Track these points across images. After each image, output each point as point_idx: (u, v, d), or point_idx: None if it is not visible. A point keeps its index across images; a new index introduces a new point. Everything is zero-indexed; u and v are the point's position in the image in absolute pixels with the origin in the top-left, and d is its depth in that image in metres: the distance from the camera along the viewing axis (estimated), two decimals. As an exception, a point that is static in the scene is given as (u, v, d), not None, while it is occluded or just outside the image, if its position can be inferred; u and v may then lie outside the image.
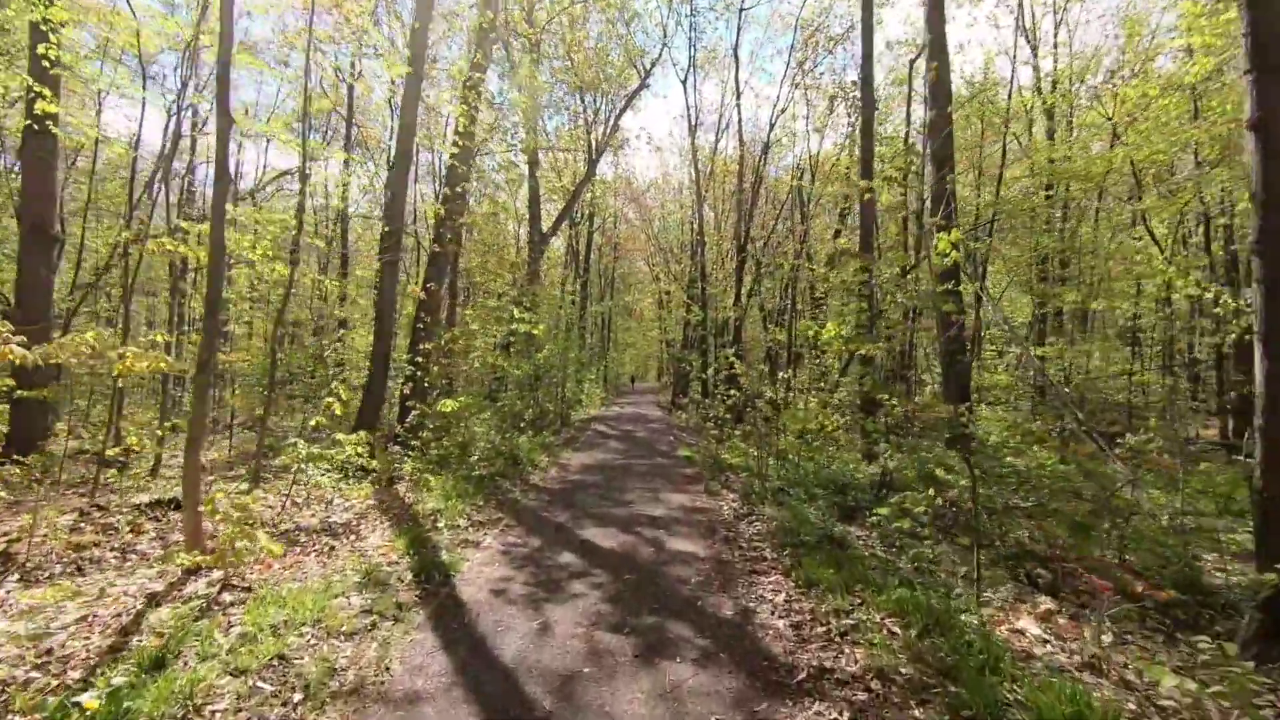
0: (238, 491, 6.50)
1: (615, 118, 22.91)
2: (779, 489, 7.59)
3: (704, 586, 4.58)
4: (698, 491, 8.07)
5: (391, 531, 5.76)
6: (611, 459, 10.92)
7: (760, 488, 7.70)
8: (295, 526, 5.90)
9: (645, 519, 6.55)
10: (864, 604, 4.05)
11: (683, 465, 10.33)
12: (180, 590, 4.17)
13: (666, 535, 5.92)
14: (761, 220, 24.08)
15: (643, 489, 8.16)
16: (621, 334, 43.86)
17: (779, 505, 6.90)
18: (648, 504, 7.26)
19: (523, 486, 8.26)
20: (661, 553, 5.39)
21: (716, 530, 6.13)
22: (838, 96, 21.81)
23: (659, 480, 8.83)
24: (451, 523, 6.14)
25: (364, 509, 6.59)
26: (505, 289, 16.89)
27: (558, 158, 27.92)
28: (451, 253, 11.11)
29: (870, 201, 10.06)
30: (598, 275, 37.68)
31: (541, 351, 13.20)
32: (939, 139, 10.06)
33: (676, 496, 7.72)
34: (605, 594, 4.39)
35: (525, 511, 6.86)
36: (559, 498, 7.58)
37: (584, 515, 6.68)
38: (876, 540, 5.81)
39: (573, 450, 12.03)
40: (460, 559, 5.07)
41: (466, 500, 7.06)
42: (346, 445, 6.40)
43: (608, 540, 5.73)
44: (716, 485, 8.56)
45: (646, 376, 54.06)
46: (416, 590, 4.36)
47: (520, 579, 4.67)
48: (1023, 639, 3.76)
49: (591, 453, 11.73)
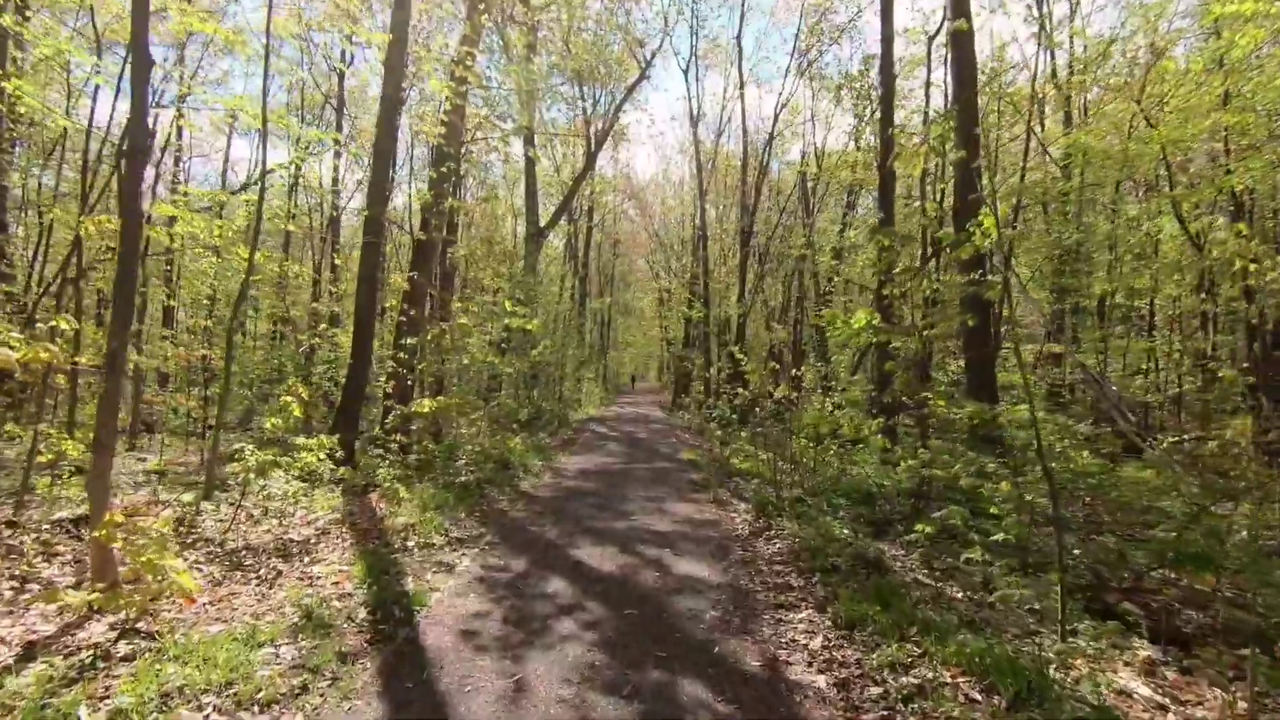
0: (186, 505, 5.66)
1: (615, 110, 22.08)
2: (796, 499, 6.75)
3: (721, 626, 3.72)
4: (705, 501, 7.22)
5: (353, 552, 4.91)
6: (610, 463, 10.08)
7: (775, 497, 6.85)
8: (244, 546, 5.04)
9: (647, 534, 5.70)
10: (925, 655, 3.20)
11: (687, 470, 9.49)
12: (73, 635, 3.32)
13: (672, 555, 5.07)
14: (765, 215, 23.26)
15: (644, 498, 7.31)
16: (622, 333, 43.03)
17: (798, 518, 6.06)
18: (650, 516, 6.41)
19: (512, 495, 7.41)
20: (667, 578, 4.54)
21: (730, 549, 5.28)
22: (845, 87, 21.04)
23: (662, 487, 7.99)
24: (425, 540, 5.29)
25: (329, 523, 5.74)
26: (501, 284, 16.05)
27: (556, 152, 27.09)
28: (439, 242, 10.26)
29: (889, 188, 9.21)
30: (597, 272, 36.84)
31: (536, 348, 12.35)
32: (964, 116, 9.24)
33: (682, 507, 6.87)
34: (600, 636, 3.54)
35: (512, 525, 6.01)
36: (551, 508, 6.73)
37: (578, 530, 5.83)
38: (916, 561, 4.97)
39: (569, 453, 11.19)
40: (428, 588, 4.22)
41: (447, 512, 6.22)
42: (304, 451, 5.55)
43: (604, 561, 4.88)
44: (725, 493, 7.71)
45: (647, 376, 53.24)
46: (369, 633, 3.50)
47: (498, 615, 3.82)
48: (1132, 705, 2.91)
49: (589, 456, 10.89)
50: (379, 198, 9.10)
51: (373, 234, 8.80)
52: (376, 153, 8.75)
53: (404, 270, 15.20)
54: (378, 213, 9.01)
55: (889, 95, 9.24)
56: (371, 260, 9.30)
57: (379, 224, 8.99)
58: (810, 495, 7.12)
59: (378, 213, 9.01)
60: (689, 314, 21.00)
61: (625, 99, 21.82)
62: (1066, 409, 10.99)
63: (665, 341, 39.60)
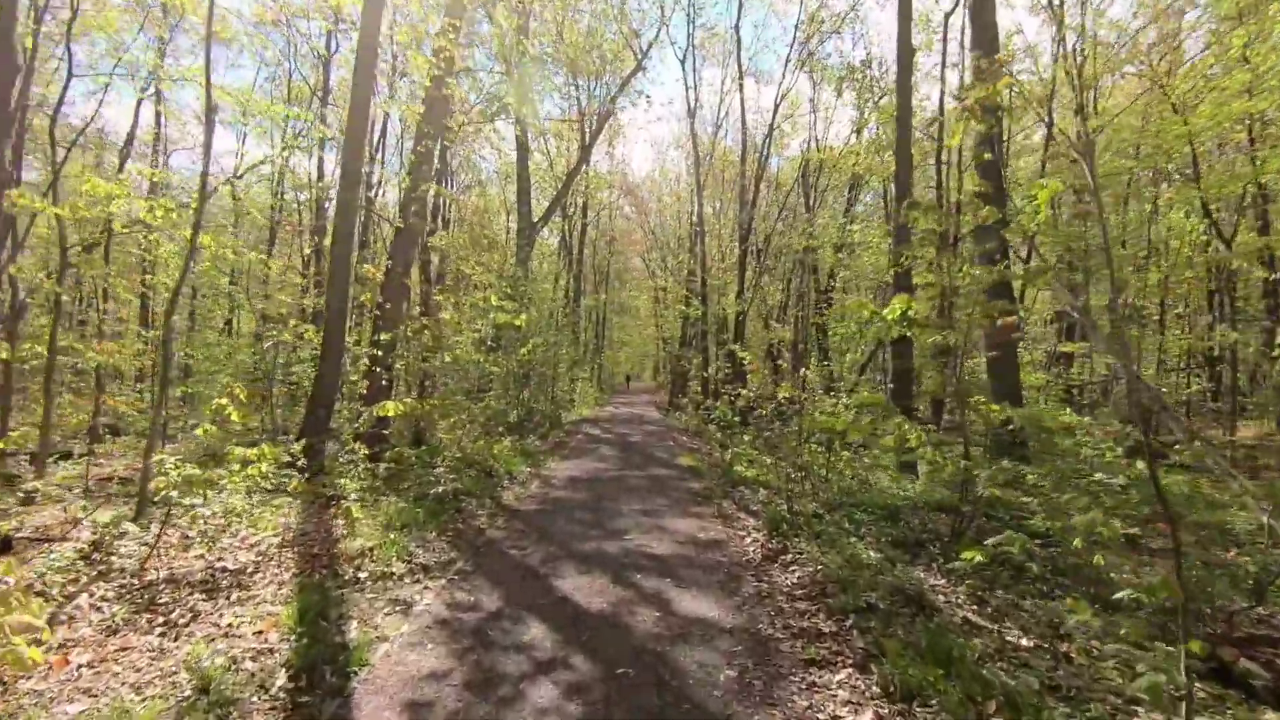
0: (103, 527, 4.80)
1: (610, 101, 21.25)
2: (813, 514, 5.94)
3: (739, 691, 2.91)
4: (708, 515, 6.40)
5: (292, 586, 4.06)
6: (603, 469, 9.25)
7: (788, 511, 6.04)
8: (166, 577, 4.19)
9: (644, 559, 4.88)
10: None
11: (686, 477, 8.67)
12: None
13: (674, 587, 4.25)
14: (764, 211, 22.49)
15: (640, 511, 6.49)
16: (617, 331, 42.21)
17: (817, 538, 5.25)
18: (647, 534, 5.59)
19: (492, 509, 6.57)
20: (669, 620, 3.72)
21: (741, 579, 4.47)
22: (846, 79, 20.30)
23: (659, 498, 7.17)
24: (383, 568, 4.45)
25: (276, 546, 4.89)
26: (489, 279, 15.21)
27: (549, 146, 26.22)
28: (420, 230, 9.40)
29: (906, 171, 8.42)
30: (592, 270, 35.99)
31: (526, 346, 11.51)
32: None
33: (683, 523, 6.05)
34: (586, 708, 2.73)
35: (489, 548, 5.17)
36: (536, 525, 5.90)
37: (564, 553, 5.00)
38: (963, 595, 4.16)
39: (560, 458, 10.35)
40: (375, 637, 3.39)
41: (415, 531, 5.38)
42: (248, 462, 4.69)
43: (593, 596, 4.06)
44: (730, 506, 6.90)
45: (642, 375, 52.41)
46: (285, 710, 2.67)
47: (458, 677, 2.99)
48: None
49: (581, 461, 10.06)
50: (355, 153, 8.22)
51: (348, 194, 7.91)
52: (353, 103, 7.87)
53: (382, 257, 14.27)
54: (355, 170, 8.14)
55: (906, 69, 8.45)
56: (345, 236, 8.45)
57: (355, 180, 8.10)
58: (827, 509, 6.32)
59: (355, 170, 8.14)
60: (686, 312, 20.20)
61: (621, 90, 21.01)
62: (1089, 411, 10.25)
63: (661, 340, 38.83)
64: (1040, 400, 12.91)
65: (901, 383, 8.47)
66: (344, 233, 8.62)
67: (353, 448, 7.25)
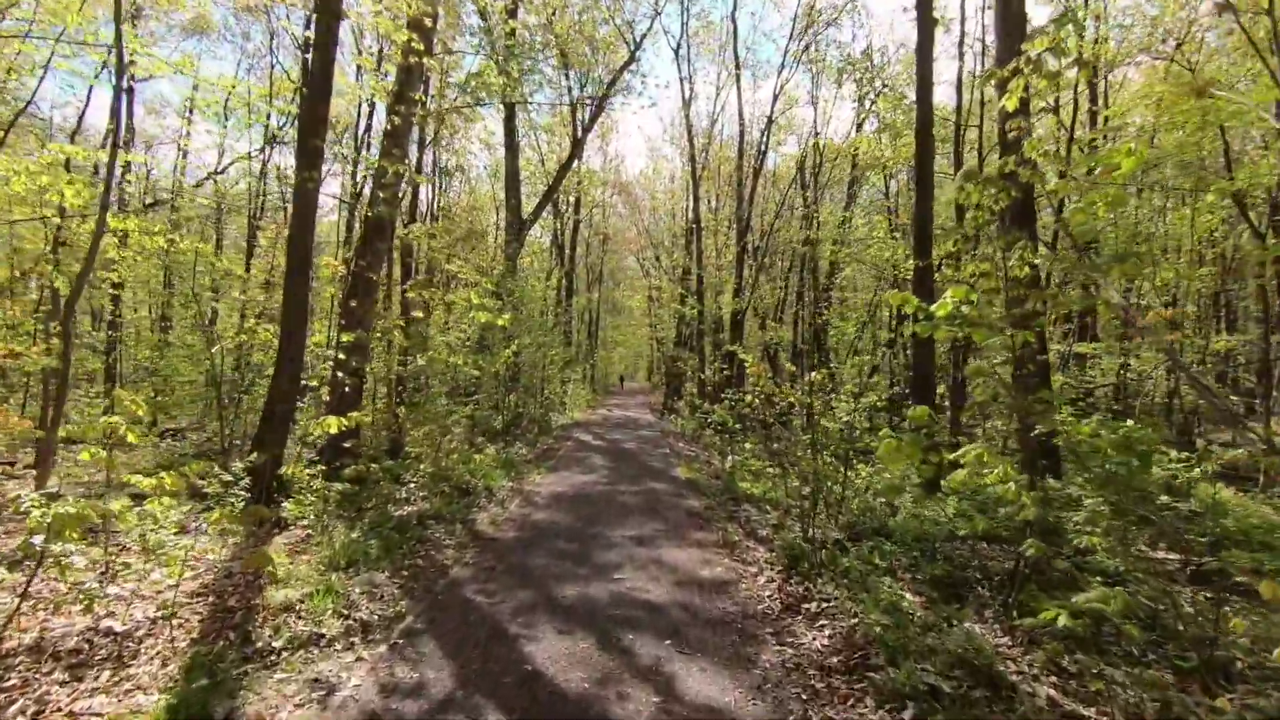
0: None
1: (603, 93, 20.35)
2: (835, 543, 5.06)
3: None
4: (712, 544, 5.49)
5: (183, 661, 3.13)
6: (592, 483, 8.33)
7: (804, 538, 5.16)
8: (32, 643, 3.26)
9: (638, 608, 3.97)
10: None
11: (684, 492, 7.77)
12: None
13: (676, 654, 3.34)
14: (761, 207, 21.64)
15: (633, 539, 5.57)
16: (610, 332, 41.29)
17: (844, 577, 4.36)
18: (641, 571, 4.68)
19: (463, 536, 5.64)
20: (670, 709, 2.81)
21: (760, 640, 3.56)
22: (846, 70, 19.49)
23: (656, 521, 6.25)
24: (312, 627, 3.53)
25: (186, 595, 3.95)
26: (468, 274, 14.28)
27: (539, 140, 25.25)
28: (391, 220, 8.44)
29: (928, 154, 7.53)
30: (585, 269, 35.06)
31: (510, 347, 10.57)
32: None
33: (683, 554, 5.14)
34: None
35: (450, 593, 4.24)
36: (511, 558, 4.97)
37: (541, 600, 4.08)
38: (1039, 665, 3.28)
39: (546, 469, 9.42)
40: (271, 750, 2.46)
41: (364, 569, 4.46)
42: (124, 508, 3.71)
43: (573, 671, 3.15)
44: (736, 530, 6.00)
45: (636, 376, 51.52)
46: None
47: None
48: None
49: (569, 473, 9.13)
50: (314, 126, 7.25)
51: (307, 174, 6.96)
52: (312, 68, 6.95)
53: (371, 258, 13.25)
54: (314, 147, 7.17)
55: (927, 44, 7.57)
56: (303, 222, 7.52)
57: (314, 159, 7.14)
58: (848, 536, 5.43)
59: (314, 147, 7.17)
60: (682, 310, 19.31)
61: (614, 81, 20.12)
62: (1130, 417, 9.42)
63: (655, 341, 37.97)
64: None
65: (921, 389, 7.60)
66: (302, 219, 7.67)
67: (308, 464, 6.31)
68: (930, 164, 7.54)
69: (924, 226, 7.31)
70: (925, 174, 7.44)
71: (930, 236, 7.32)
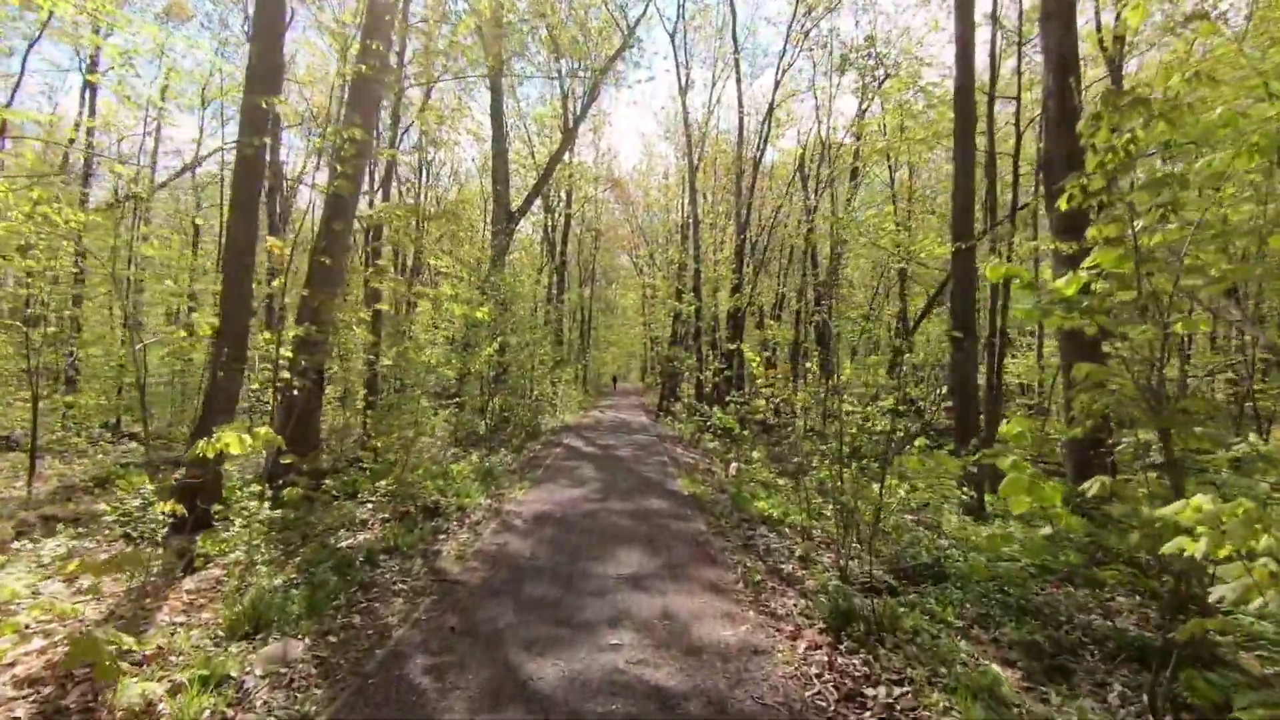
0: None
1: (594, 81, 19.23)
2: (886, 589, 3.98)
3: None
4: (730, 588, 4.38)
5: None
6: (582, 499, 7.21)
7: (842, 579, 4.07)
8: None
9: (643, 701, 2.86)
10: None
11: (687, 511, 6.66)
12: None
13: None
14: (760, 200, 20.59)
15: (630, 581, 4.45)
16: (603, 331, 40.13)
17: (913, 643, 3.27)
18: (643, 637, 3.55)
19: (420, 577, 4.50)
20: None
21: (817, 758, 2.46)
22: (850, 56, 18.49)
23: (656, 553, 5.14)
24: (168, 749, 2.39)
25: (16, 681, 2.81)
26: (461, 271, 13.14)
27: (529, 130, 24.06)
28: (354, 198, 7.24)
29: (969, 124, 6.46)
30: (578, 267, 33.88)
31: (492, 345, 9.42)
32: (1058, 29, 6.75)
33: (695, 605, 4.03)
34: None
35: (385, 675, 3.10)
36: (474, 614, 3.84)
37: (508, 686, 2.96)
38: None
39: (530, 481, 8.28)
40: None
41: (278, 634, 3.32)
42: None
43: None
44: (756, 565, 4.89)
45: (629, 376, 50.39)
46: None
47: None
48: None
49: (556, 486, 8.00)
50: (261, 83, 6.10)
51: (250, 139, 5.82)
52: (258, 18, 5.81)
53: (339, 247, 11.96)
54: (259, 114, 6.01)
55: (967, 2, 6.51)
56: (245, 199, 6.37)
57: (259, 124, 6.00)
58: (895, 574, 4.35)
59: (259, 114, 6.01)
60: (679, 307, 18.21)
61: (607, 68, 19.01)
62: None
63: (649, 340, 36.89)
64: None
65: (964, 398, 6.53)
66: (244, 195, 6.51)
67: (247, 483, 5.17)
68: (971, 132, 6.46)
69: (964, 202, 6.25)
70: (966, 142, 6.37)
71: (972, 214, 6.27)
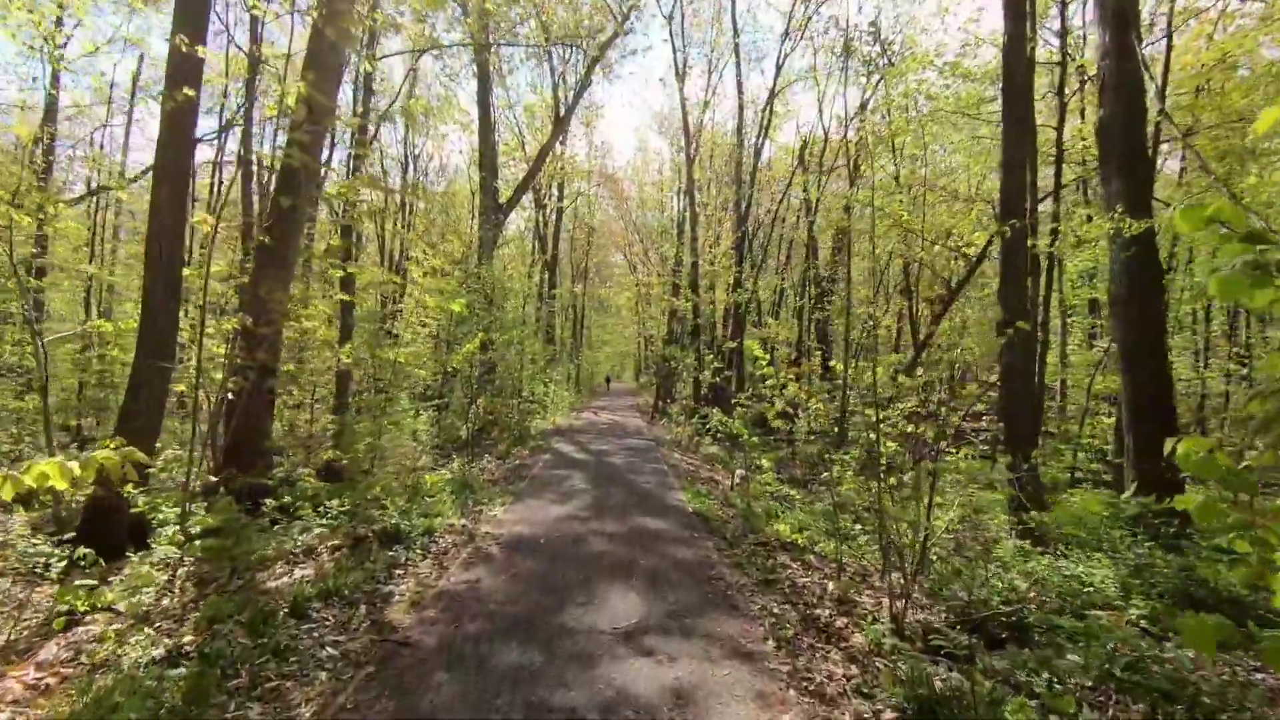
0: None
1: (587, 69, 18.23)
2: (953, 644, 3.01)
3: None
4: (756, 646, 3.39)
5: None
6: (571, 517, 6.20)
7: (896, 633, 3.10)
8: None
9: None
10: None
11: (693, 534, 5.67)
12: None
13: None
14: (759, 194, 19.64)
15: (626, 641, 3.46)
16: (596, 330, 39.09)
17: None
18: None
19: (359, 636, 3.47)
20: None
21: None
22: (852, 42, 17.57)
23: (659, 594, 4.14)
24: None
25: None
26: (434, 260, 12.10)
27: (520, 127, 22.97)
28: (302, 164, 6.12)
29: (1020, 71, 5.51)
30: (570, 265, 32.83)
31: (472, 342, 8.39)
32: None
33: (714, 679, 3.03)
34: None
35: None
36: (422, 694, 2.83)
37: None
38: None
39: (513, 495, 7.26)
40: None
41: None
42: None
43: None
44: (784, 613, 3.90)
45: (622, 376, 49.38)
46: None
47: None
48: None
49: (540, 502, 6.98)
50: (186, 22, 5.07)
51: (176, 93, 4.78)
52: None
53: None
54: (189, 64, 5.00)
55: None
56: (173, 169, 5.37)
57: (193, 73, 4.98)
58: (968, 628, 3.39)
59: (189, 64, 5.00)
60: (676, 304, 17.21)
61: (600, 55, 18.00)
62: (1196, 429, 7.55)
63: (643, 339, 35.89)
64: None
65: (1017, 397, 5.57)
66: (170, 161, 5.48)
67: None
68: (1025, 90, 5.48)
69: (1016, 174, 5.31)
70: (1015, 101, 5.41)
71: (1024, 185, 5.33)
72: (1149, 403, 5.78)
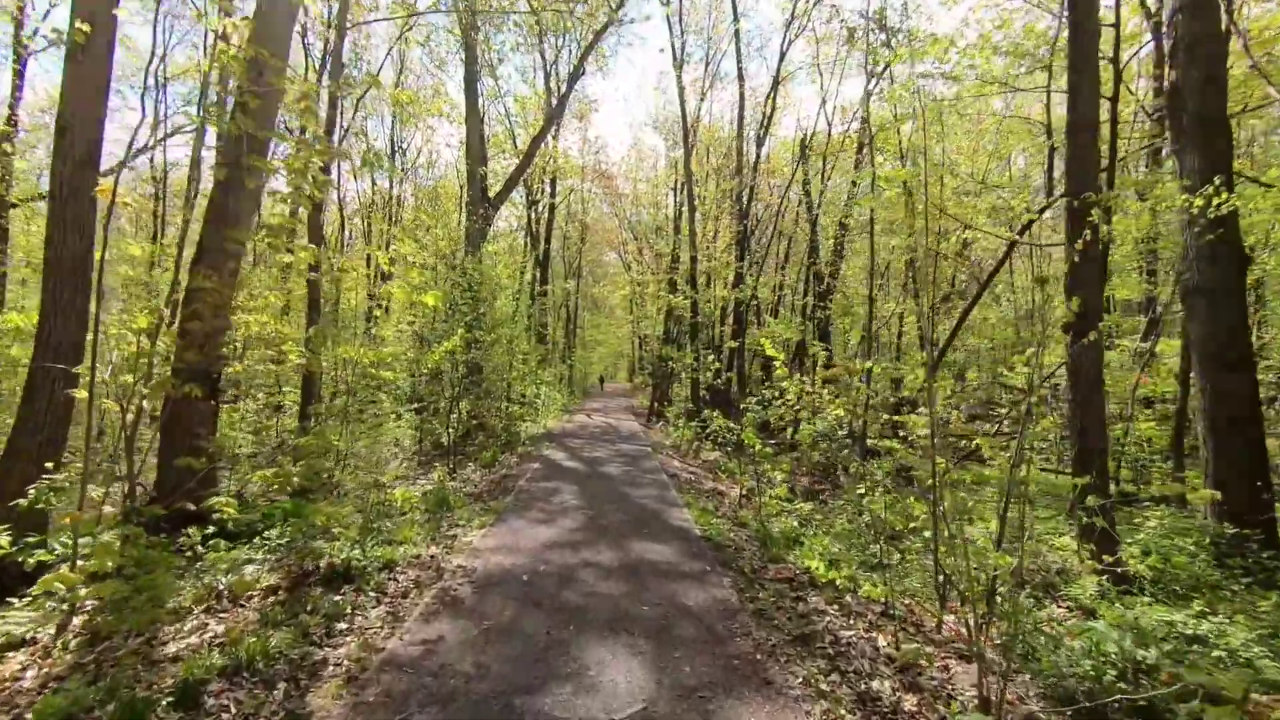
0: None
1: (581, 56, 17.32)
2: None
3: None
4: (805, 747, 2.50)
5: None
6: (559, 543, 5.28)
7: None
8: None
9: None
10: None
11: (704, 566, 4.76)
12: None
13: None
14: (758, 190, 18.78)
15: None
16: (589, 330, 38.12)
17: None
18: None
19: (266, 734, 2.54)
20: None
21: None
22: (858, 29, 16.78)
23: (667, 659, 3.23)
24: None
25: None
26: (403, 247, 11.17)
27: (510, 118, 21.99)
28: (249, 130, 5.09)
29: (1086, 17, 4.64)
30: (563, 265, 31.83)
31: (450, 340, 7.44)
32: None
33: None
34: None
35: None
36: None
37: None
38: None
39: (494, 515, 6.31)
40: None
41: None
42: None
43: None
44: (832, 689, 3.00)
45: (616, 376, 48.42)
46: None
47: None
48: None
49: (524, 522, 6.04)
50: None
51: (81, 21, 3.86)
52: None
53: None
54: (102, 12, 4.06)
55: None
56: (84, 136, 4.43)
57: (105, 27, 4.03)
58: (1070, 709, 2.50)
59: (102, 12, 4.06)
60: (674, 302, 16.31)
61: (594, 43, 17.08)
62: None
63: (638, 339, 34.98)
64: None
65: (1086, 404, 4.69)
66: (75, 111, 4.51)
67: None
68: (1093, 33, 4.59)
69: (1085, 137, 4.45)
70: (1082, 49, 4.53)
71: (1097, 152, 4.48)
72: (1232, 411, 4.93)
